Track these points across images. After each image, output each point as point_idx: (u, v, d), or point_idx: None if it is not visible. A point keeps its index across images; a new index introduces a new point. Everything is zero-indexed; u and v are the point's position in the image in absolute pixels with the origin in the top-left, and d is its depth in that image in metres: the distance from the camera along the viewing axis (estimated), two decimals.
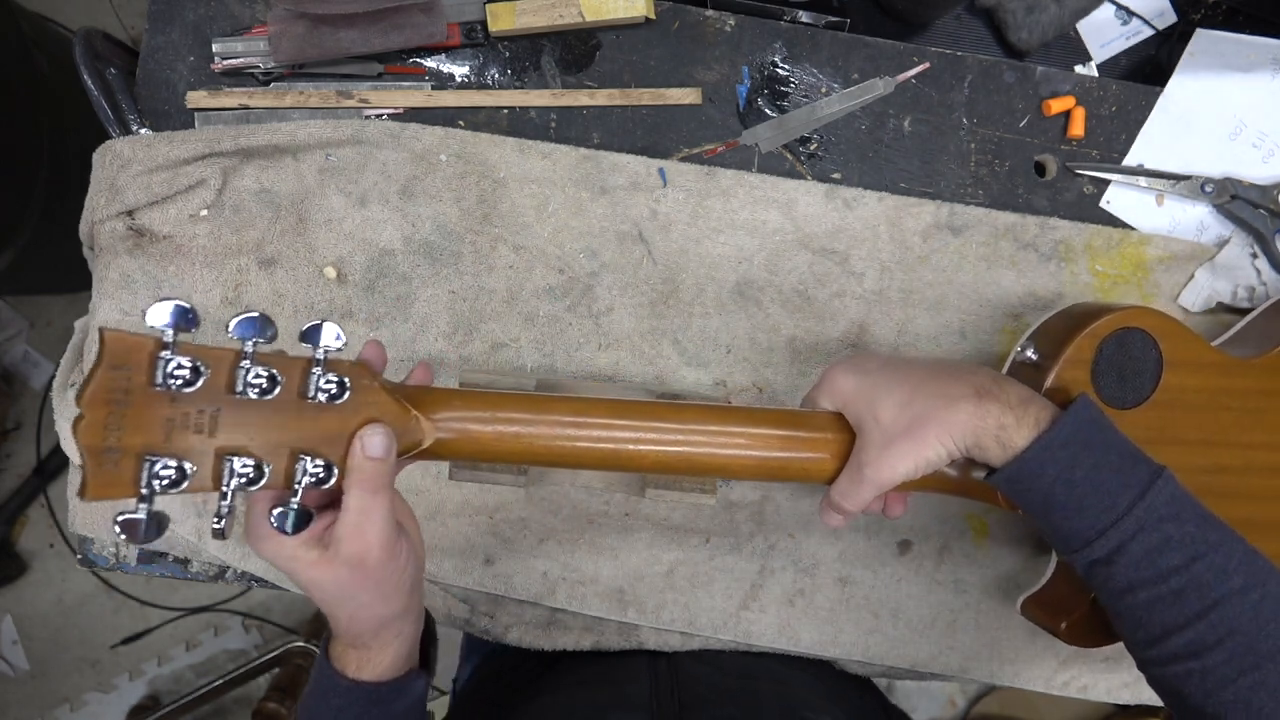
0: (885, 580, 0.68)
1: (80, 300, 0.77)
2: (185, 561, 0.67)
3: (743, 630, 0.67)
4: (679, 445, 0.51)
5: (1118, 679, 0.69)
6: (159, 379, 0.40)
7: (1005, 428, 0.46)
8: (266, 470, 0.43)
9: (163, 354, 0.40)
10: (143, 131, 0.65)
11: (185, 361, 0.40)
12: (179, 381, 0.40)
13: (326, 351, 0.43)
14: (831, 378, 0.52)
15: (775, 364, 0.67)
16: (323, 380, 0.43)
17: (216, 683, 1.53)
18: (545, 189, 0.66)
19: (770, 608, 0.67)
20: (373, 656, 0.48)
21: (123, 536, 0.40)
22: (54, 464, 1.64)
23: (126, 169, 0.63)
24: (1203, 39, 0.70)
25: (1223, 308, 0.69)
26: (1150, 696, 0.70)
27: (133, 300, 0.64)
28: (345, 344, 0.43)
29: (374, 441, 0.44)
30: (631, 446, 0.50)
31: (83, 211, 0.64)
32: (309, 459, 0.43)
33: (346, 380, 0.44)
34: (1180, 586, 0.44)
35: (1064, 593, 0.60)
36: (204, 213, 0.64)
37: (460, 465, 0.56)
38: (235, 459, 0.42)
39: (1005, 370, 0.60)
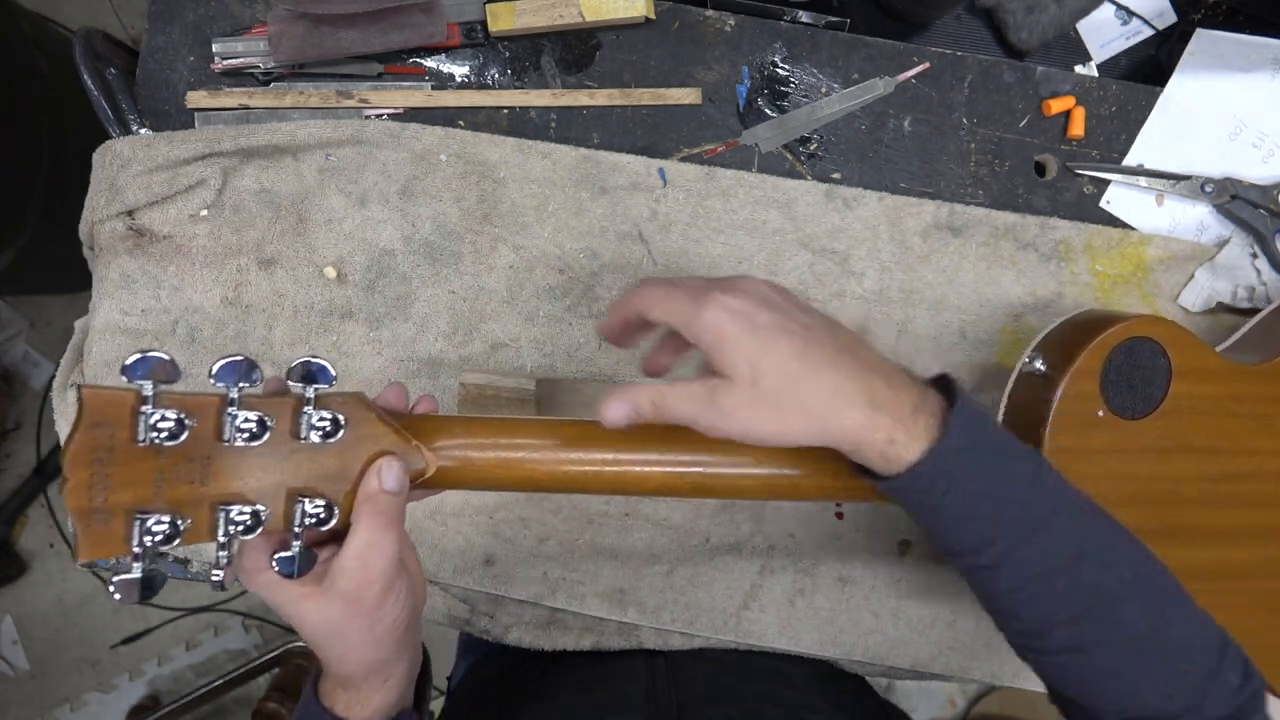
0: (885, 580, 0.68)
1: (80, 300, 0.77)
2: (185, 561, 0.67)
3: (743, 630, 0.67)
4: (684, 467, 0.49)
5: None
6: (142, 434, 0.38)
7: (894, 442, 0.43)
8: (264, 516, 0.41)
9: (144, 409, 0.38)
10: (143, 131, 0.65)
11: (168, 414, 0.38)
12: (163, 435, 0.38)
13: (317, 389, 0.41)
14: (717, 313, 0.43)
15: None
16: (315, 419, 0.42)
17: (216, 683, 1.53)
18: (545, 189, 0.66)
19: (770, 608, 0.67)
20: (363, 698, 0.46)
21: (118, 598, 0.38)
22: (54, 464, 1.64)
23: (126, 169, 0.63)
24: (1203, 39, 0.70)
25: (1223, 308, 0.69)
26: None
27: (133, 300, 0.64)
28: (337, 378, 0.42)
29: (391, 475, 0.43)
30: (637, 469, 0.49)
31: (83, 211, 0.64)
32: (308, 500, 0.42)
33: (341, 416, 0.42)
34: (1065, 587, 0.43)
35: None
36: (204, 213, 0.64)
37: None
38: (231, 507, 0.40)
39: (1011, 382, 0.60)
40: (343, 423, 0.42)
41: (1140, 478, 0.58)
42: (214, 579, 0.41)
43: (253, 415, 0.40)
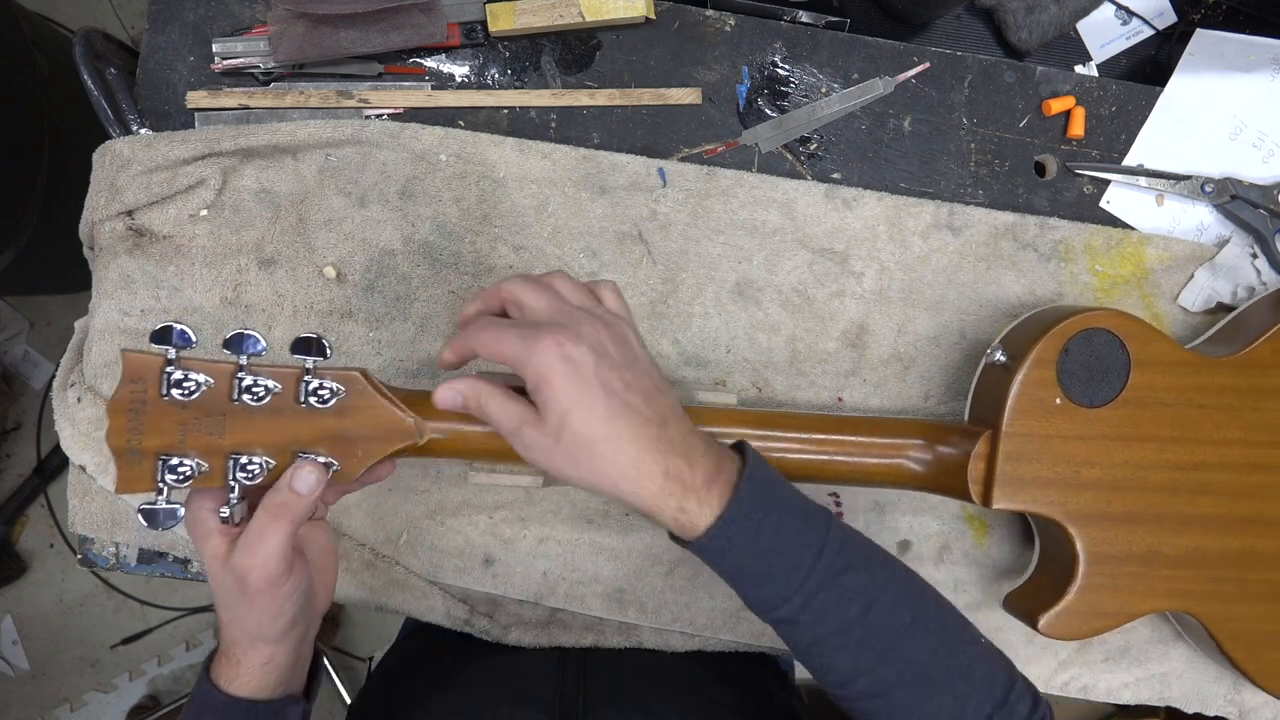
0: None
1: (80, 300, 0.77)
2: (185, 561, 0.67)
3: (742, 630, 0.67)
4: None
5: (1118, 679, 0.69)
6: (165, 390, 0.46)
7: (686, 511, 0.46)
8: (269, 466, 0.48)
9: (168, 369, 0.46)
10: (143, 131, 0.65)
11: (189, 375, 0.46)
12: (184, 392, 0.46)
13: (316, 362, 0.48)
14: (545, 357, 0.44)
15: (775, 364, 0.67)
16: (314, 386, 0.48)
17: None
18: (545, 189, 0.66)
19: None
20: (240, 672, 0.50)
21: (146, 524, 0.47)
22: (54, 464, 1.64)
23: (126, 169, 0.63)
24: (1203, 39, 0.70)
25: (1223, 308, 0.69)
26: (1150, 696, 0.70)
27: (132, 300, 0.64)
28: (333, 353, 0.48)
29: (302, 477, 0.48)
30: None
31: (83, 211, 0.64)
32: (310, 456, 0.49)
33: (338, 385, 0.49)
34: (860, 635, 0.47)
35: (1047, 585, 0.61)
36: (204, 213, 0.64)
37: (478, 468, 0.58)
38: (241, 457, 0.48)
39: (978, 374, 0.62)
40: (339, 391, 0.49)
41: (1103, 464, 0.59)
42: (223, 515, 0.48)
43: (260, 380, 0.47)
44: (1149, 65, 0.83)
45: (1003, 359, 0.60)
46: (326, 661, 1.55)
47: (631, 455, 0.45)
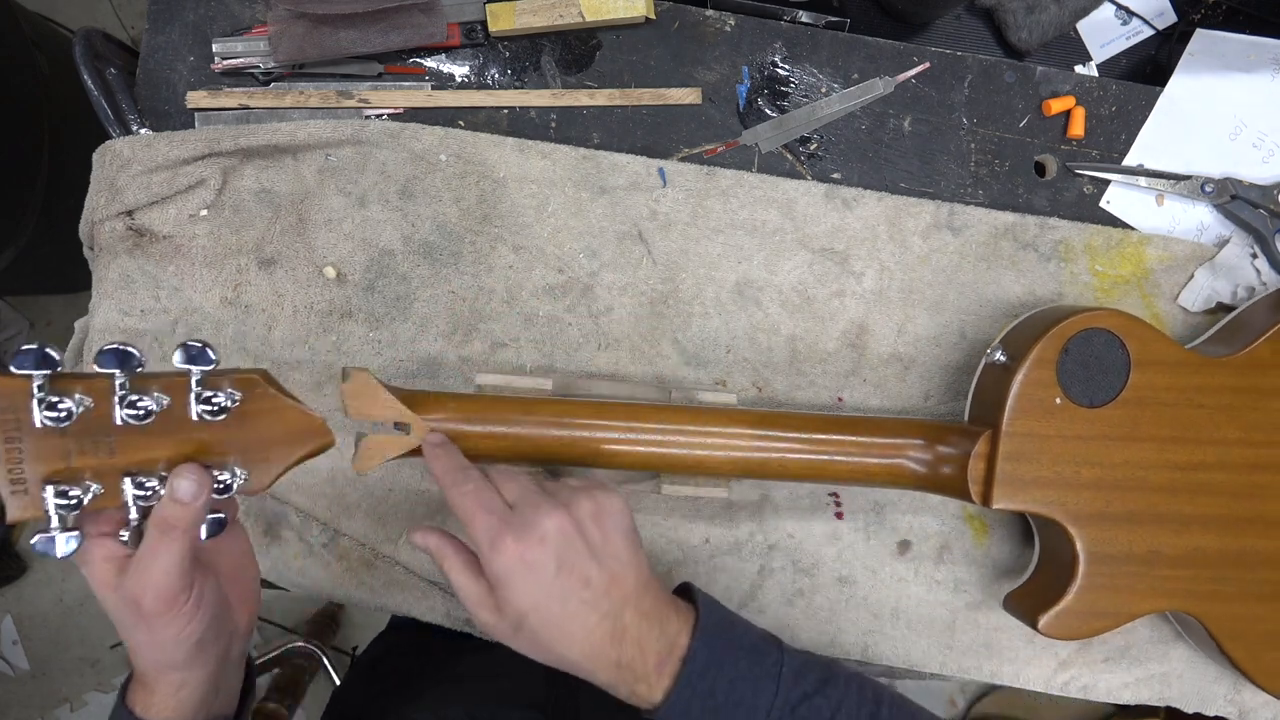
0: (885, 580, 0.68)
1: (80, 300, 0.77)
2: None
3: None
4: (653, 446, 0.56)
5: (1118, 679, 0.69)
6: (38, 416, 0.42)
7: (637, 694, 0.47)
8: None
9: (36, 393, 0.42)
10: (143, 131, 0.65)
11: (55, 399, 0.41)
12: (57, 416, 0.42)
13: (203, 371, 0.44)
14: (506, 565, 0.46)
15: (775, 364, 0.67)
16: (204, 396, 0.44)
17: None
18: (545, 189, 0.66)
19: (769, 608, 0.67)
20: (155, 700, 0.47)
21: (43, 554, 0.42)
22: None
23: (126, 169, 0.63)
24: (1203, 39, 0.70)
25: (1223, 308, 0.69)
26: (1150, 696, 0.70)
27: (132, 300, 0.64)
28: (218, 360, 0.44)
29: (179, 485, 0.44)
30: (609, 447, 0.56)
31: (83, 211, 0.64)
32: (214, 470, 0.45)
33: (234, 392, 0.45)
34: None
35: (1047, 585, 0.61)
36: (204, 213, 0.64)
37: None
38: (138, 476, 0.44)
39: (978, 374, 0.63)
40: (235, 398, 0.45)
41: (1103, 464, 0.59)
42: (121, 539, 0.45)
43: (142, 397, 0.43)
44: (1149, 65, 0.83)
45: (1003, 359, 0.60)
46: (326, 661, 1.56)
47: (584, 650, 0.47)
